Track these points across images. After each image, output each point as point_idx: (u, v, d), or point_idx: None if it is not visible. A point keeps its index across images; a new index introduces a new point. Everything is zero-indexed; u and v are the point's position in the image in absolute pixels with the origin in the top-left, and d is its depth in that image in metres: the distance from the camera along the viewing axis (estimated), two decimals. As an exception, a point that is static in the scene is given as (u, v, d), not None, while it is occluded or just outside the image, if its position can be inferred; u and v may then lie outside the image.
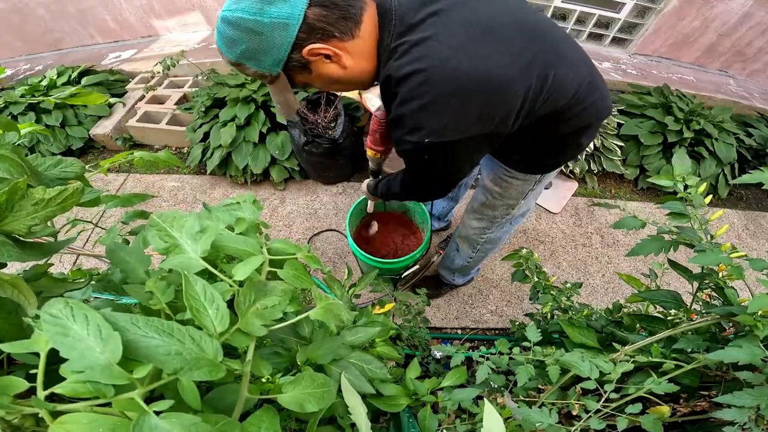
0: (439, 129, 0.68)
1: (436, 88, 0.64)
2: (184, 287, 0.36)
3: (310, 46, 0.65)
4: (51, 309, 0.29)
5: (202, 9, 3.00)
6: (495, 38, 0.66)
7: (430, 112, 0.66)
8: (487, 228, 1.26)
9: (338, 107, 2.02)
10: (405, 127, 0.71)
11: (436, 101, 0.65)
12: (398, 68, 0.66)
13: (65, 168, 0.51)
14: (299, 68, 0.69)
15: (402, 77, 0.66)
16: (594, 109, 0.83)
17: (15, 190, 0.36)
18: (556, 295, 1.00)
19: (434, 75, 0.63)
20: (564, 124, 0.83)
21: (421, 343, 1.18)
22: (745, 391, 0.54)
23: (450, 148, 0.72)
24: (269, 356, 0.53)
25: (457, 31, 0.65)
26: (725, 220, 2.32)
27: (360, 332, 0.65)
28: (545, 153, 0.94)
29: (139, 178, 2.39)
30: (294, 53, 0.65)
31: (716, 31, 2.64)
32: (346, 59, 0.69)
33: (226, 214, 0.48)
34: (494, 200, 1.13)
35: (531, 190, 1.07)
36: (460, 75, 0.63)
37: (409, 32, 0.67)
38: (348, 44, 0.68)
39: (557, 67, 0.73)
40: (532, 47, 0.70)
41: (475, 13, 0.67)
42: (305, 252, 0.49)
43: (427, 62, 0.64)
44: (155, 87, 2.67)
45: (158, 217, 0.42)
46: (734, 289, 0.69)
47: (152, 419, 0.28)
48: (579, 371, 0.63)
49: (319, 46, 0.65)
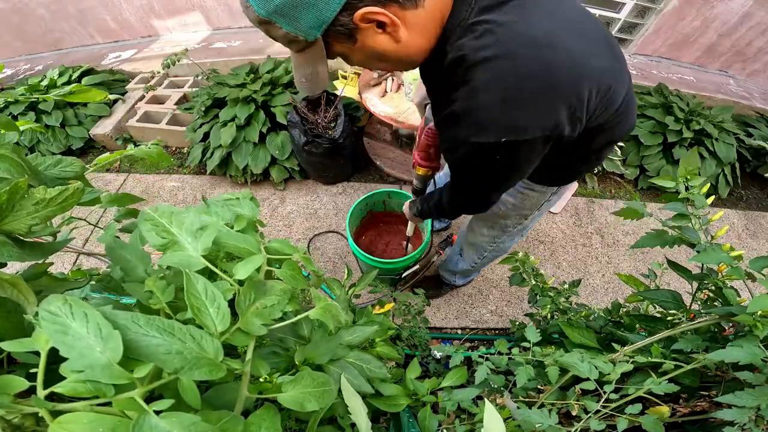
0: (518, 126, 0.58)
1: (521, 78, 0.54)
2: (186, 286, 0.36)
3: (366, 9, 0.53)
4: (50, 306, 0.29)
5: (202, 9, 3.00)
6: (584, 37, 0.59)
7: (510, 107, 0.56)
8: (497, 237, 1.21)
9: (338, 107, 2.02)
10: (472, 124, 0.60)
11: (520, 94, 0.55)
12: (476, 50, 0.55)
13: (65, 167, 0.51)
14: (343, 35, 0.57)
15: (481, 61, 0.55)
16: (626, 122, 0.76)
17: (16, 190, 0.36)
18: (554, 296, 1.00)
19: (521, 64, 0.53)
20: (599, 137, 0.75)
21: (420, 343, 1.18)
22: (745, 391, 0.54)
23: (523, 148, 0.63)
24: (268, 356, 0.53)
25: (548, 17, 0.56)
26: (725, 220, 2.32)
27: (358, 331, 0.65)
28: (568, 165, 0.88)
29: (139, 178, 2.39)
30: (343, 14, 0.53)
31: (716, 31, 2.64)
32: (403, 31, 0.58)
33: (225, 209, 0.48)
34: (508, 210, 1.07)
35: (546, 201, 1.02)
36: (548, 67, 0.54)
37: (494, 10, 0.56)
38: (409, 14, 0.56)
39: (620, 76, 0.67)
40: (608, 53, 0.63)
41: (560, 8, 0.59)
42: (301, 253, 0.49)
43: (515, 46, 0.54)
44: (155, 87, 2.67)
45: (153, 212, 0.41)
46: (734, 289, 0.70)
47: (152, 419, 0.28)
48: (578, 372, 0.63)
49: (377, 10, 0.53)
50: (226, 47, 2.93)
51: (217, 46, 2.96)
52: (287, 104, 2.12)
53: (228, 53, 2.84)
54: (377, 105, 1.92)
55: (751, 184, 2.55)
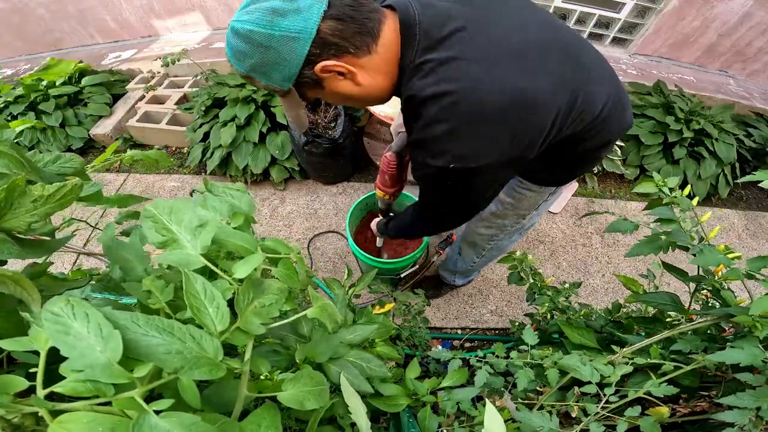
0: (467, 155, 0.64)
1: (465, 111, 0.60)
2: (185, 285, 0.36)
3: (323, 62, 0.60)
4: (52, 307, 0.29)
5: (202, 9, 3.00)
6: (525, 57, 0.63)
7: (458, 137, 0.62)
8: (495, 235, 1.22)
9: (338, 107, 2.02)
10: (428, 150, 0.66)
11: (464, 125, 0.61)
12: (423, 88, 0.62)
13: (64, 164, 0.51)
14: (311, 84, 0.65)
15: (427, 98, 0.61)
16: (617, 124, 0.80)
17: (14, 187, 0.36)
18: (552, 295, 1.00)
19: (464, 97, 0.59)
20: (588, 142, 0.79)
21: (420, 343, 1.18)
22: (746, 392, 0.54)
23: (476, 174, 0.68)
24: (268, 354, 0.53)
25: (486, 49, 0.61)
26: (725, 220, 2.32)
27: (358, 330, 0.65)
28: (564, 167, 0.92)
29: (139, 178, 2.39)
30: (306, 69, 0.61)
31: (716, 31, 2.64)
32: (361, 76, 0.65)
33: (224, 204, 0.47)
34: (505, 210, 1.10)
35: (544, 201, 1.04)
36: (491, 97, 0.59)
37: (435, 49, 0.62)
38: (364, 60, 0.64)
39: (587, 85, 0.69)
40: (562, 66, 0.66)
41: (501, 29, 0.64)
42: (296, 252, 0.49)
43: (456, 84, 0.60)
44: (155, 87, 2.67)
45: (154, 208, 0.41)
46: (731, 291, 0.69)
47: (152, 418, 0.28)
48: (579, 375, 0.63)
49: (333, 63, 0.61)
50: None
51: (217, 46, 2.96)
52: (287, 104, 2.11)
53: (228, 53, 2.84)
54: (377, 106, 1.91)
55: (751, 184, 2.55)
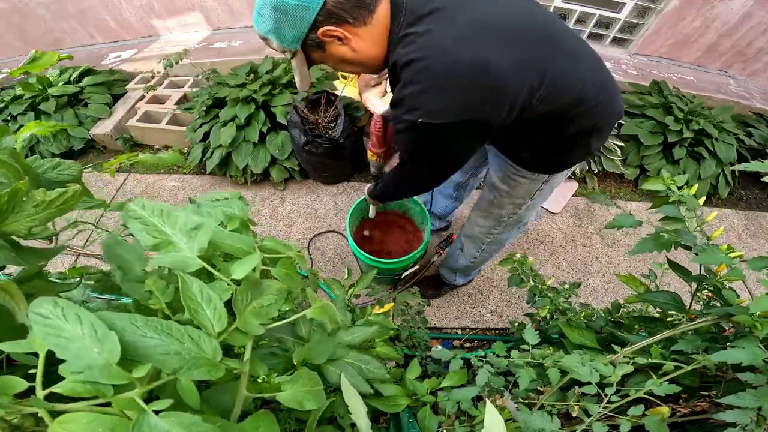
0: (433, 111, 0.74)
1: (434, 74, 0.71)
2: (181, 287, 0.36)
3: (325, 27, 0.73)
4: (39, 309, 0.28)
5: (202, 9, 3.00)
6: (494, 34, 0.73)
7: (427, 95, 0.73)
8: (493, 227, 1.26)
9: (338, 107, 2.02)
10: (403, 106, 0.77)
11: (433, 86, 0.72)
12: (403, 55, 0.74)
13: (63, 170, 0.51)
14: (315, 46, 0.78)
15: (405, 63, 0.73)
16: (601, 110, 0.86)
17: (16, 192, 0.36)
18: (553, 297, 1.00)
19: (433, 63, 0.71)
20: (569, 124, 0.86)
21: (420, 343, 1.18)
22: (747, 392, 0.53)
23: (442, 131, 0.77)
24: (266, 357, 0.53)
25: (459, 26, 0.72)
26: (725, 220, 2.32)
27: (357, 332, 0.65)
28: (552, 152, 0.97)
29: (139, 178, 2.39)
30: (311, 33, 0.74)
31: (716, 31, 2.63)
32: (356, 43, 0.78)
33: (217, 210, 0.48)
34: (502, 198, 1.15)
35: (539, 190, 1.09)
36: (457, 64, 0.70)
37: (415, 24, 0.74)
38: (359, 30, 0.76)
39: (558, 65, 0.77)
40: (531, 45, 0.75)
41: (478, 11, 0.74)
42: (295, 251, 0.49)
43: (428, 51, 0.71)
44: (155, 87, 2.67)
45: (140, 208, 0.40)
46: (733, 290, 0.69)
47: (151, 419, 0.28)
48: (579, 375, 0.62)
49: (333, 28, 0.74)
50: (226, 47, 2.93)
51: (217, 46, 2.96)
52: (287, 104, 2.11)
53: (228, 53, 2.84)
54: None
55: (752, 184, 2.55)
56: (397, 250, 1.75)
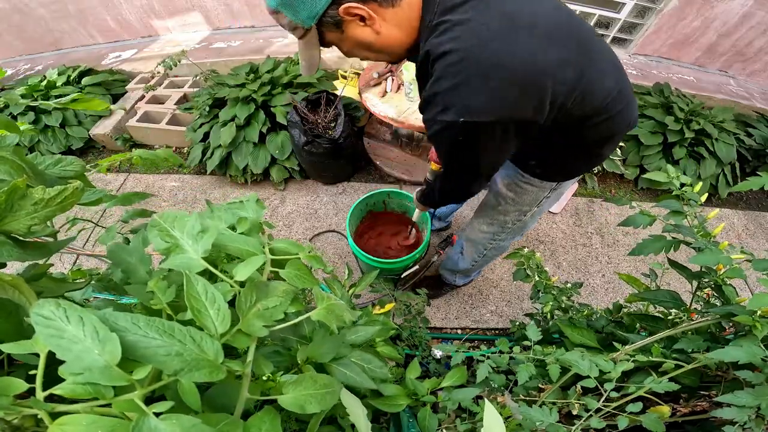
0: (471, 108, 0.66)
1: (471, 67, 0.64)
2: (186, 287, 0.36)
3: (348, 4, 0.65)
4: (42, 310, 0.28)
5: (202, 9, 3.00)
6: (533, 30, 0.66)
7: (463, 91, 0.66)
8: (497, 234, 1.23)
9: (338, 107, 2.02)
10: (437, 105, 0.70)
11: (470, 80, 0.65)
12: (437, 45, 0.66)
13: (65, 166, 0.51)
14: (332, 25, 0.69)
15: (439, 55, 0.66)
16: (620, 119, 0.81)
17: (14, 190, 0.36)
18: (556, 294, 1.00)
19: (471, 55, 0.63)
20: (589, 131, 0.81)
21: (421, 343, 1.18)
22: (746, 390, 0.54)
23: (482, 130, 0.70)
24: (270, 355, 0.53)
25: (498, 17, 0.65)
26: (725, 220, 2.32)
27: (360, 331, 0.65)
28: (565, 160, 0.92)
29: (139, 178, 2.39)
30: (331, 8, 0.65)
31: (716, 31, 2.63)
32: (381, 25, 0.69)
33: (228, 213, 0.48)
34: (507, 206, 1.11)
35: (546, 198, 1.05)
36: (496, 57, 0.63)
37: (451, 11, 0.66)
38: (386, 11, 0.68)
39: (590, 69, 0.72)
40: (570, 46, 0.70)
41: (516, 3, 0.68)
42: (307, 252, 0.49)
43: (465, 42, 0.64)
44: (155, 87, 2.67)
45: (160, 218, 0.42)
46: (733, 287, 0.69)
47: (152, 420, 0.28)
48: (579, 370, 0.63)
49: (357, 5, 0.65)
50: (225, 47, 2.93)
51: (217, 46, 2.96)
52: (287, 104, 2.11)
53: (228, 53, 2.84)
54: (377, 105, 1.91)
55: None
56: (397, 250, 1.75)
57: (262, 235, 0.52)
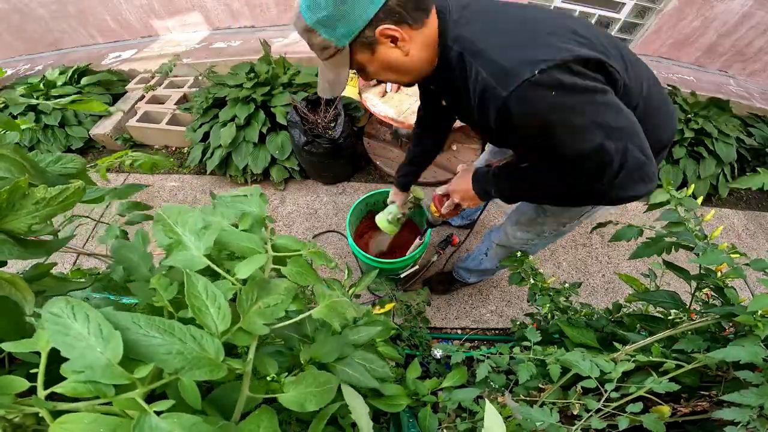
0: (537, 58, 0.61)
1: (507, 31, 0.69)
2: (186, 285, 0.36)
3: (385, 26, 0.67)
4: (52, 308, 0.29)
5: (202, 9, 3.00)
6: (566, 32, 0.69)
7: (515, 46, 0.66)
8: (531, 239, 1.21)
9: (338, 107, 2.02)
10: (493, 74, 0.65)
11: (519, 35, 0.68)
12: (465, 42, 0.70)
13: (66, 164, 0.51)
14: (365, 46, 0.71)
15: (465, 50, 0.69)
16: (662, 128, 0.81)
17: (16, 189, 0.36)
18: (553, 296, 1.00)
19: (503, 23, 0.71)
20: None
21: (421, 342, 1.18)
22: (749, 390, 0.54)
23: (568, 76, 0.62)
24: (272, 355, 0.52)
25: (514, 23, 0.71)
26: (725, 220, 2.32)
27: (362, 331, 0.65)
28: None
29: (139, 178, 2.39)
30: (367, 29, 0.67)
31: (716, 31, 2.63)
32: (410, 46, 0.72)
33: (231, 208, 0.48)
34: (546, 218, 1.09)
35: (587, 213, 1.04)
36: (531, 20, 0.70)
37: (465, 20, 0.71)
38: (416, 33, 0.71)
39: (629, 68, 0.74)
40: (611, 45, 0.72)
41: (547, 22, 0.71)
42: (309, 248, 0.49)
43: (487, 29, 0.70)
44: (155, 87, 2.67)
45: (164, 212, 0.42)
46: (734, 288, 0.69)
47: (153, 419, 0.28)
48: (579, 370, 0.63)
49: (393, 27, 0.68)
50: (225, 47, 2.93)
51: (217, 46, 2.96)
52: (287, 104, 2.11)
53: (228, 53, 2.84)
54: (377, 105, 1.92)
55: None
56: (397, 250, 1.75)
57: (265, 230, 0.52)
